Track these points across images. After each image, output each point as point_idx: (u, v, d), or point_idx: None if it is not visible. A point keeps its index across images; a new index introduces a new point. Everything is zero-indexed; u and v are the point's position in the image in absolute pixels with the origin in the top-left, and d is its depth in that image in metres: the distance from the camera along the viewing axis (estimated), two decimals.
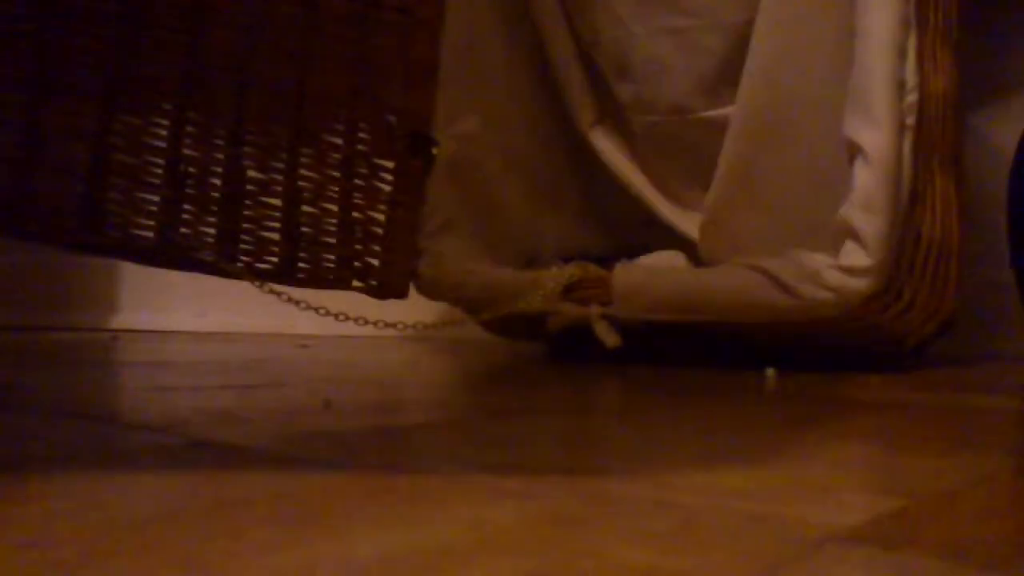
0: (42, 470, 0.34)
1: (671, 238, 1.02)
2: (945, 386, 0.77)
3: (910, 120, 0.78)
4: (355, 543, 0.25)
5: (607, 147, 1.06)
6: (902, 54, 0.78)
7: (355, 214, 0.79)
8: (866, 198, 0.76)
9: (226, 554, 0.23)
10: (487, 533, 0.26)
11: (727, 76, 0.94)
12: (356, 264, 0.80)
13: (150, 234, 0.73)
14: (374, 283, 0.80)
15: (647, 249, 1.01)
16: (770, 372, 0.75)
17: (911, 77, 0.79)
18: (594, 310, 0.86)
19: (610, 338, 0.84)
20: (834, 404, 0.62)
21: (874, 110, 0.77)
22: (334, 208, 0.79)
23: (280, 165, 0.77)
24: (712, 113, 0.97)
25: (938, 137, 0.82)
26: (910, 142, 0.78)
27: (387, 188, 0.80)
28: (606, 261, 0.97)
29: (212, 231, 0.75)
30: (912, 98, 0.78)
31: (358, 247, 0.80)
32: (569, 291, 0.89)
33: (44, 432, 0.43)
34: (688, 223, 1.01)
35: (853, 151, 0.78)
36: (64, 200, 0.70)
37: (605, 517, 0.28)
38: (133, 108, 0.72)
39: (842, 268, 0.77)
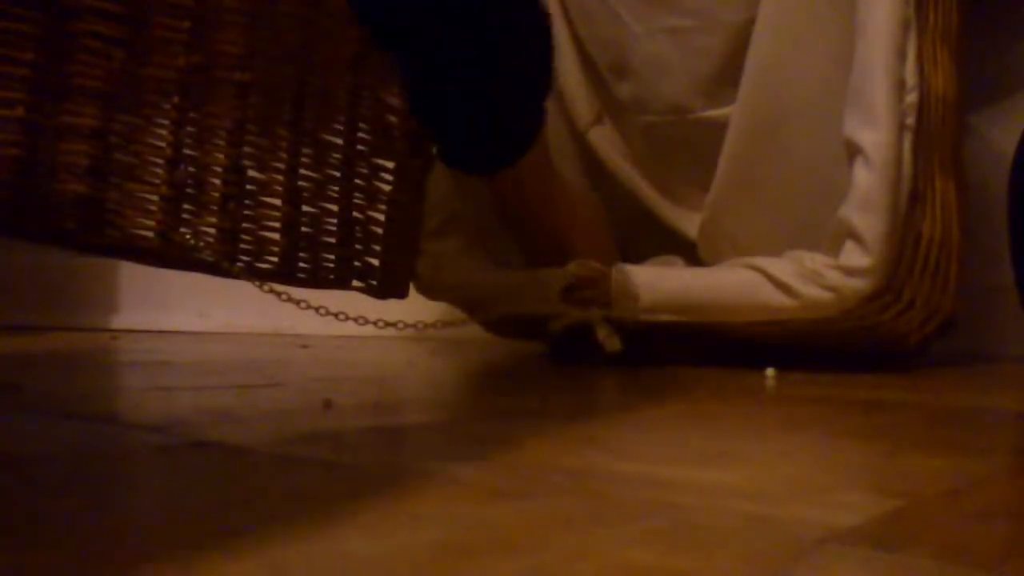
0: (42, 470, 0.34)
1: (671, 240, 1.02)
2: (945, 386, 0.77)
3: (910, 120, 0.78)
4: (355, 543, 0.25)
5: (605, 147, 1.06)
6: (902, 54, 0.78)
7: (355, 214, 0.79)
8: (866, 198, 0.76)
9: (226, 555, 0.23)
10: (487, 533, 0.26)
11: (726, 76, 0.94)
12: (356, 264, 0.80)
13: (150, 234, 0.73)
14: (374, 283, 0.80)
15: (648, 254, 1.01)
16: (770, 372, 0.75)
17: (911, 77, 0.79)
18: (595, 313, 0.86)
19: (611, 343, 0.84)
20: (834, 404, 0.62)
21: (874, 110, 0.77)
22: (334, 208, 0.79)
23: (280, 165, 0.77)
24: (711, 113, 0.96)
25: (938, 137, 0.82)
26: (910, 142, 0.78)
27: (387, 188, 0.80)
28: None
29: (212, 231, 0.75)
30: (912, 98, 0.78)
31: (358, 247, 0.80)
32: (570, 290, 0.89)
33: (44, 432, 0.44)
34: (687, 223, 1.01)
35: (853, 151, 0.78)
36: (64, 200, 0.70)
37: (605, 517, 0.28)
38: (133, 108, 0.72)
39: (842, 268, 0.77)
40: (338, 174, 0.79)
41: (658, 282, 0.86)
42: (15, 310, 1.38)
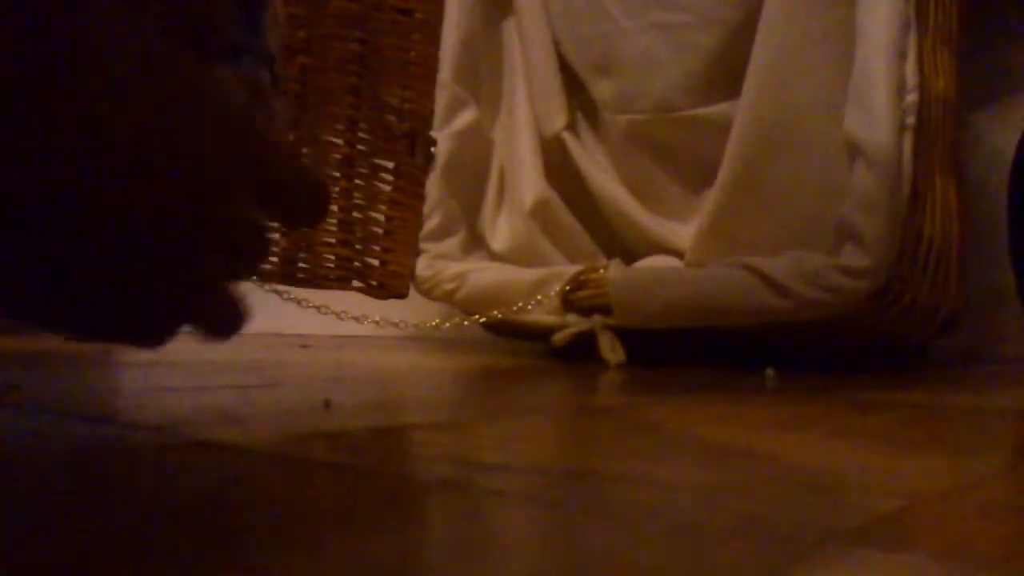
0: (42, 470, 0.34)
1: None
2: (945, 386, 0.77)
3: (910, 120, 0.78)
4: (356, 544, 0.25)
5: (580, 151, 1.04)
6: (902, 54, 0.79)
7: (355, 214, 0.79)
8: (866, 198, 0.76)
9: (226, 555, 0.23)
10: (488, 534, 0.26)
11: (717, 74, 0.94)
12: (356, 264, 0.80)
13: None
14: (374, 283, 0.80)
15: (639, 254, 1.00)
16: (770, 372, 0.75)
17: (911, 77, 0.79)
18: (596, 321, 0.86)
19: (615, 356, 0.83)
20: (834, 404, 0.62)
21: (874, 110, 0.77)
22: (334, 208, 0.79)
23: None
24: (698, 111, 0.96)
25: (938, 137, 0.82)
26: (910, 142, 0.78)
27: (387, 188, 0.80)
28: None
29: None
30: (912, 98, 0.78)
31: (358, 247, 0.80)
32: (573, 292, 0.89)
33: (44, 432, 0.43)
34: (671, 235, 0.99)
35: (853, 151, 0.78)
36: None
37: (605, 517, 0.28)
38: None
39: (842, 269, 0.77)
40: (338, 174, 0.79)
41: (656, 292, 0.86)
42: None
